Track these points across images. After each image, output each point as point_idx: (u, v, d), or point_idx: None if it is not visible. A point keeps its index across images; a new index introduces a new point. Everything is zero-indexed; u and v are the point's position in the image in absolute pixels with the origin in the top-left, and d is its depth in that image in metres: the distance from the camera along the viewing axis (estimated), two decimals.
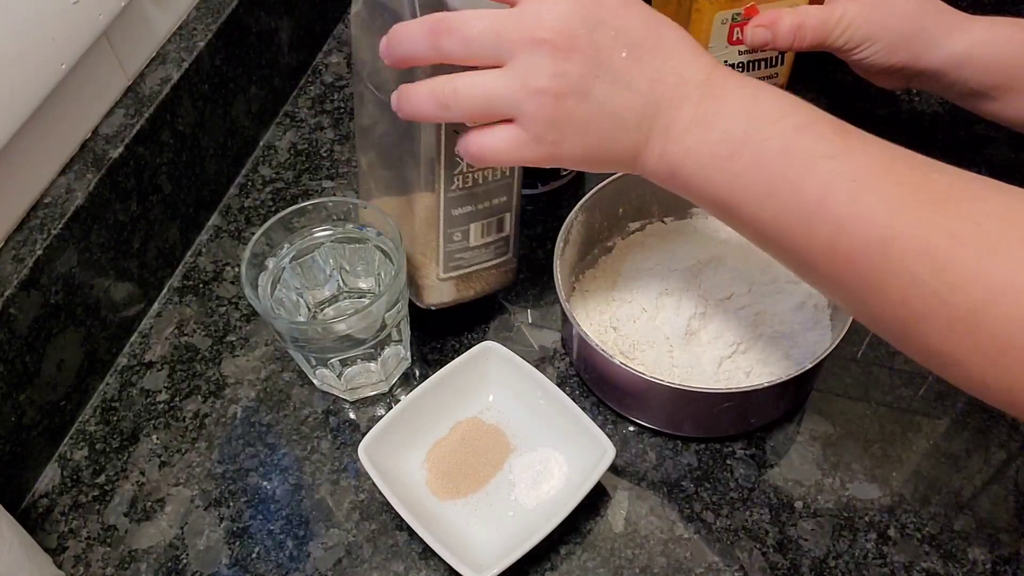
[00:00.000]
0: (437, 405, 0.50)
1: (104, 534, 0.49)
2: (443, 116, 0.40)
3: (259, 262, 0.50)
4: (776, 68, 0.55)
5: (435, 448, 0.50)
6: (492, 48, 0.38)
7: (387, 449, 0.48)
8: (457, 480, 0.49)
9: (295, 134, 0.69)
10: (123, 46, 0.56)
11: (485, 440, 0.50)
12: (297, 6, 0.70)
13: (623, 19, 0.38)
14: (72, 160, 0.53)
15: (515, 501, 0.48)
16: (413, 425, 0.49)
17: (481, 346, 0.51)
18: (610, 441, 0.46)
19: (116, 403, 0.54)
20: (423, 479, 0.49)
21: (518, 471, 0.49)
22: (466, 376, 0.51)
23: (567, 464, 0.49)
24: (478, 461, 0.49)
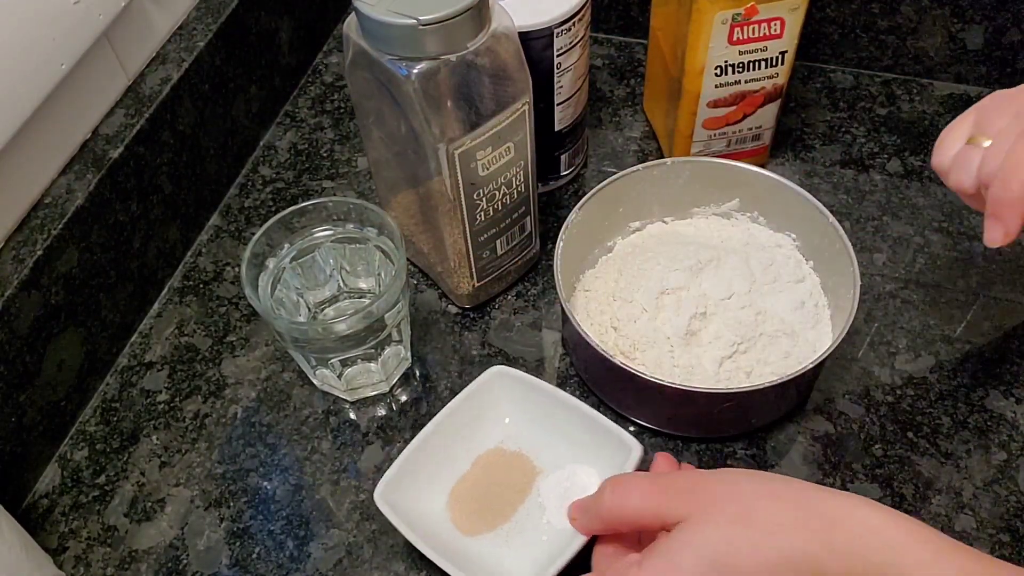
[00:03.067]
0: (452, 440, 0.48)
1: (104, 534, 0.49)
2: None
3: (259, 262, 0.50)
4: (776, 68, 0.55)
5: (458, 486, 0.48)
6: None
7: (405, 491, 0.46)
8: (485, 514, 0.47)
9: (295, 134, 0.69)
10: (123, 46, 0.56)
11: (510, 468, 0.49)
12: (297, 6, 0.70)
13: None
14: (72, 160, 0.53)
15: (548, 524, 0.46)
16: (430, 464, 0.47)
17: (489, 372, 0.49)
18: (635, 439, 0.45)
19: (116, 403, 0.54)
20: (447, 518, 0.47)
21: (547, 493, 0.47)
22: (479, 405, 0.49)
23: (597, 474, 0.47)
24: (504, 491, 0.48)
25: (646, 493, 0.38)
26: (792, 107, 0.66)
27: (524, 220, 0.54)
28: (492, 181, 0.49)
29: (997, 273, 0.56)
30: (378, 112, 0.48)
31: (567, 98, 0.57)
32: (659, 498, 0.38)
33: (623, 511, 0.39)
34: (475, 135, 0.45)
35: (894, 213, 0.59)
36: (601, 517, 0.40)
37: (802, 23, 0.53)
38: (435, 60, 0.42)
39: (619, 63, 0.71)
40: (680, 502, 0.37)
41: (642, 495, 0.38)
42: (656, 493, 0.38)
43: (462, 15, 0.41)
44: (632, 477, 0.40)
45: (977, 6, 0.62)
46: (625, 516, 0.39)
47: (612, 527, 0.40)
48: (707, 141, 0.59)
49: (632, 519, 0.39)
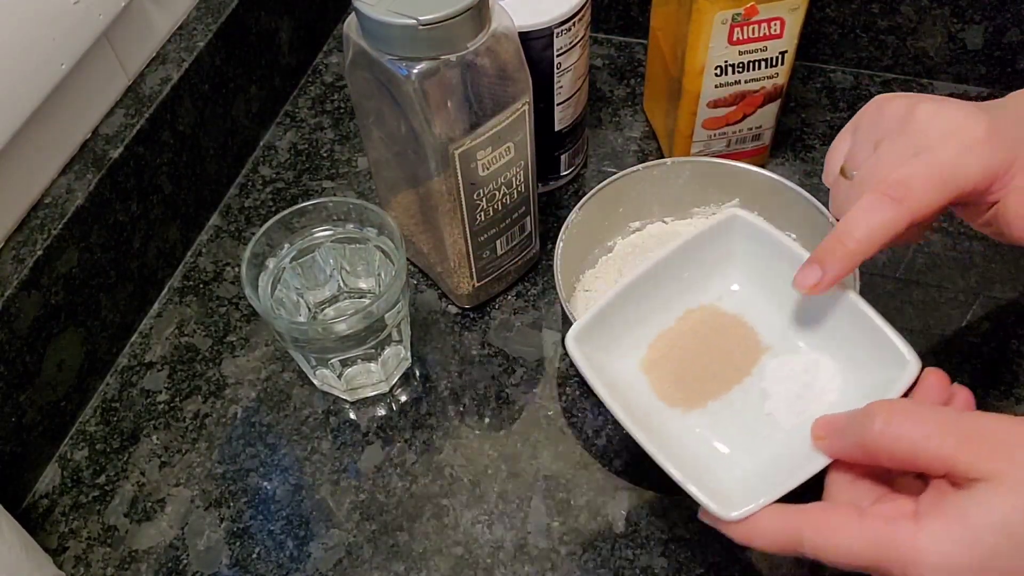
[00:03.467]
0: (663, 287, 0.40)
1: (104, 534, 0.49)
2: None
3: (259, 262, 0.50)
4: (776, 68, 0.55)
5: (659, 341, 0.40)
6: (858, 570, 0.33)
7: (600, 341, 0.38)
8: (691, 384, 0.39)
9: (295, 134, 0.69)
10: (123, 46, 0.56)
11: (725, 334, 0.40)
12: (297, 6, 0.70)
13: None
14: (72, 160, 0.53)
15: (769, 417, 0.38)
16: (634, 313, 0.39)
17: (727, 214, 0.41)
18: (914, 353, 0.36)
19: (116, 403, 0.54)
20: (645, 381, 0.39)
21: (773, 378, 0.39)
22: (706, 250, 0.40)
23: (840, 377, 0.38)
24: (718, 360, 0.40)
25: (935, 433, 0.31)
26: (792, 107, 0.66)
27: (524, 220, 0.54)
28: (492, 181, 0.49)
29: (997, 273, 0.56)
30: (378, 112, 0.48)
31: (567, 98, 0.57)
32: (956, 444, 0.31)
33: (898, 447, 0.32)
34: (475, 135, 0.45)
35: None
36: (864, 446, 0.33)
37: (802, 23, 0.53)
38: (435, 60, 0.42)
39: (619, 63, 0.71)
40: (985, 455, 0.30)
41: (928, 435, 0.31)
42: (951, 436, 0.31)
43: (462, 15, 0.41)
44: (918, 408, 0.33)
45: (977, 6, 0.62)
46: (898, 453, 0.32)
47: (874, 460, 0.34)
48: (707, 141, 0.59)
49: (906, 458, 0.32)
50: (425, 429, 0.52)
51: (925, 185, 0.36)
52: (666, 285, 0.40)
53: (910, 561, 0.31)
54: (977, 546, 0.30)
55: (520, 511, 0.48)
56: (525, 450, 0.50)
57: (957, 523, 0.30)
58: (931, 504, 0.32)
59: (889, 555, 0.31)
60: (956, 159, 0.37)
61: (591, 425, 0.51)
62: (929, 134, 0.37)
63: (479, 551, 0.47)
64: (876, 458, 0.33)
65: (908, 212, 0.36)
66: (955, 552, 0.30)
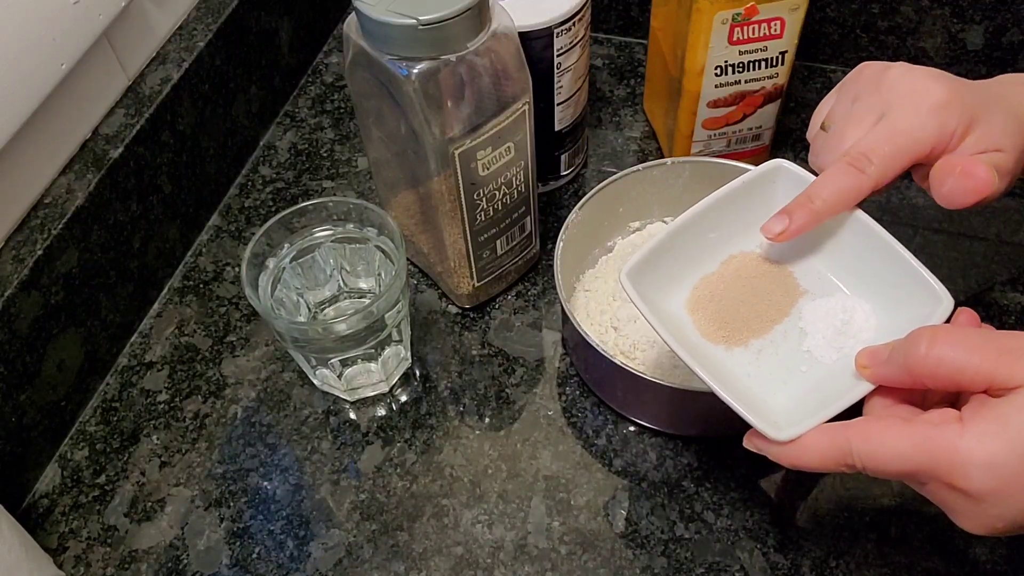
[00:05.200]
0: (709, 233, 0.42)
1: (104, 534, 0.49)
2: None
3: (259, 262, 0.50)
4: (776, 68, 0.55)
5: (702, 284, 0.42)
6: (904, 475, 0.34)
7: (650, 281, 0.40)
8: (733, 323, 0.41)
9: (295, 134, 0.69)
10: (123, 46, 0.56)
11: (766, 279, 0.42)
12: (297, 6, 0.70)
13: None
14: (72, 160, 0.53)
15: (808, 354, 0.40)
16: (680, 256, 0.41)
17: (772, 164, 0.42)
18: (947, 292, 0.38)
19: (116, 403, 0.54)
20: (689, 321, 0.41)
21: (811, 319, 0.41)
22: (750, 198, 0.42)
23: (876, 317, 0.40)
24: (759, 303, 0.41)
25: (977, 348, 0.33)
26: (792, 107, 0.66)
27: (524, 220, 0.54)
28: (492, 181, 0.49)
29: (997, 273, 0.56)
30: (378, 112, 0.48)
31: (567, 98, 0.57)
32: (996, 358, 0.33)
33: (942, 364, 0.34)
34: (475, 135, 0.45)
35: (894, 213, 0.59)
36: (910, 368, 0.35)
37: (802, 23, 0.53)
38: (435, 60, 0.42)
39: (619, 63, 0.71)
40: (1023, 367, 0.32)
41: (971, 350, 0.33)
42: (992, 351, 0.33)
43: (462, 15, 0.41)
44: (959, 330, 0.35)
45: (977, 6, 0.62)
46: (942, 372, 0.34)
47: (919, 382, 0.35)
48: (707, 141, 0.59)
49: (951, 376, 0.34)
50: (425, 429, 0.52)
51: (884, 156, 0.39)
52: (711, 230, 0.42)
53: (957, 461, 0.32)
54: (1018, 442, 0.31)
55: (520, 511, 0.48)
56: (525, 450, 0.50)
57: (999, 423, 0.32)
58: (973, 411, 0.33)
59: (937, 454, 0.32)
60: (914, 123, 0.40)
61: (591, 425, 0.51)
62: (894, 94, 0.41)
63: (479, 551, 0.47)
64: (921, 380, 0.35)
65: (869, 181, 0.39)
66: (998, 449, 0.31)
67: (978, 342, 0.34)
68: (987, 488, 0.32)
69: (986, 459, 0.31)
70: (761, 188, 0.43)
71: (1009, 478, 0.31)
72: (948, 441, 0.32)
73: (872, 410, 0.37)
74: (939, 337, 0.34)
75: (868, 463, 0.34)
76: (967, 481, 0.32)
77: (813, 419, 0.36)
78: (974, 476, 0.32)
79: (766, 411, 0.37)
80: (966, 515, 0.33)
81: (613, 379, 0.49)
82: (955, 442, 0.32)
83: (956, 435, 0.32)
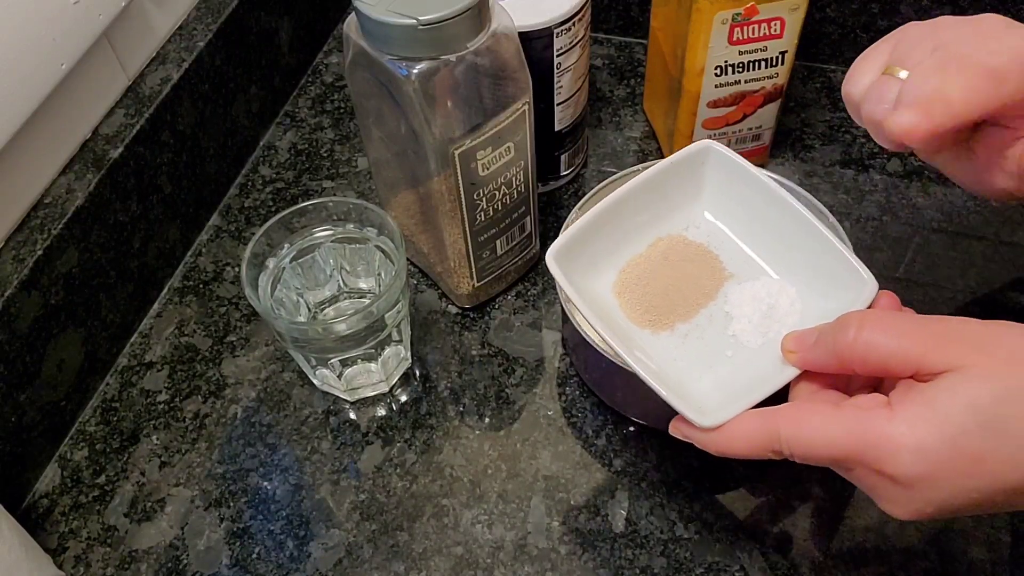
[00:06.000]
0: (636, 215, 0.41)
1: (104, 534, 0.49)
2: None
3: (259, 262, 0.50)
4: (776, 68, 0.55)
5: (629, 267, 0.42)
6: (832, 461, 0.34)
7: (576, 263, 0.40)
8: (659, 307, 0.41)
9: (295, 134, 0.69)
10: (123, 46, 0.56)
11: (693, 262, 0.42)
12: (297, 6, 0.70)
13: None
14: (72, 160, 0.53)
15: (734, 338, 0.40)
16: (607, 238, 0.41)
17: (700, 145, 0.41)
18: (872, 275, 0.38)
19: (116, 403, 0.54)
20: (615, 304, 0.41)
21: (737, 302, 0.41)
22: (677, 180, 0.41)
23: (801, 300, 0.40)
24: (685, 286, 0.41)
25: (907, 334, 0.33)
26: (792, 107, 0.66)
27: (524, 220, 0.54)
28: (492, 181, 0.49)
29: (997, 273, 0.56)
30: (378, 112, 0.48)
31: (567, 98, 0.57)
32: (926, 343, 0.32)
33: (871, 350, 0.33)
34: (475, 135, 0.45)
35: (894, 213, 0.59)
36: (838, 354, 0.34)
37: (802, 23, 0.53)
38: (435, 60, 0.42)
39: (619, 63, 0.71)
40: (954, 349, 0.32)
41: (900, 336, 0.33)
42: (922, 337, 0.32)
43: (462, 15, 0.41)
44: (888, 314, 0.35)
45: (977, 6, 0.62)
46: (872, 357, 0.33)
47: (847, 367, 0.35)
48: None
49: (880, 361, 0.33)
50: (425, 429, 0.52)
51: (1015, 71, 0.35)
52: (638, 212, 0.41)
53: (887, 447, 0.32)
54: (947, 426, 0.31)
55: (520, 511, 0.48)
56: (525, 450, 0.50)
57: (928, 407, 0.31)
58: (901, 395, 0.33)
59: (866, 440, 0.32)
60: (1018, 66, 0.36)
61: (591, 425, 0.51)
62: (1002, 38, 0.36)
63: (479, 551, 0.47)
64: (849, 365, 0.34)
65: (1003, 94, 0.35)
66: (927, 434, 0.31)
67: (907, 327, 0.33)
68: (916, 473, 0.31)
69: (915, 444, 0.31)
70: (689, 169, 0.42)
71: (938, 463, 0.31)
72: (878, 427, 0.32)
73: (798, 395, 0.37)
74: (868, 322, 0.34)
75: (796, 449, 0.34)
76: (896, 467, 0.31)
77: (739, 405, 0.35)
78: (904, 462, 0.31)
79: (692, 397, 0.37)
80: (894, 501, 0.33)
81: (613, 379, 0.49)
82: (884, 427, 0.32)
83: (885, 420, 0.32)
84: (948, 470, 0.31)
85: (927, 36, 0.39)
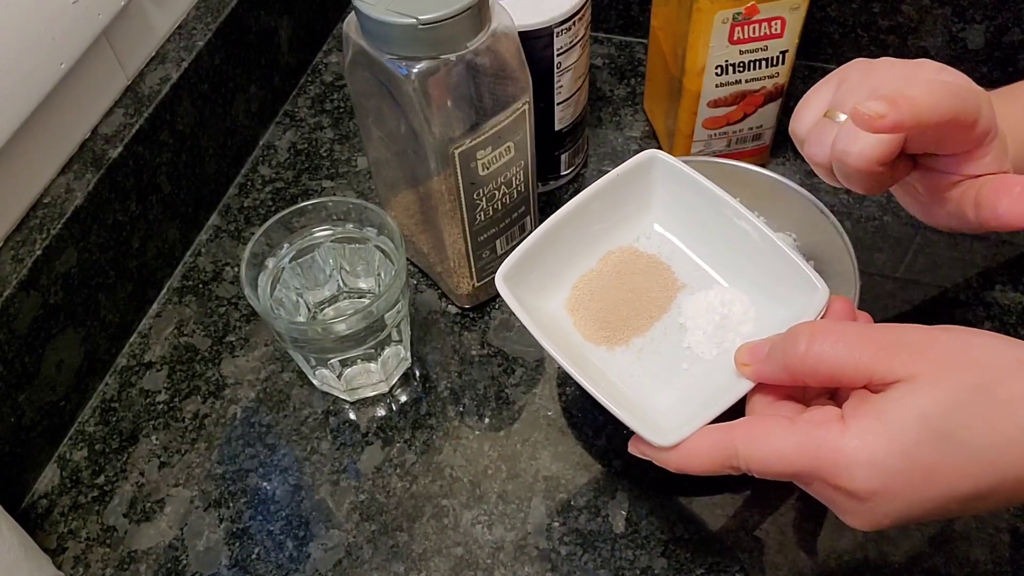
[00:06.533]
0: (584, 229, 0.41)
1: (104, 535, 0.49)
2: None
3: (259, 262, 0.50)
4: (777, 68, 0.55)
5: (581, 283, 0.41)
6: (789, 477, 0.34)
7: (528, 283, 0.39)
8: (613, 322, 0.40)
9: (295, 134, 0.69)
10: (122, 45, 0.56)
11: (645, 274, 0.41)
12: (297, 5, 0.70)
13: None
14: (71, 160, 0.53)
15: (689, 350, 0.40)
16: (558, 255, 0.41)
17: (646, 155, 0.41)
18: (822, 281, 0.38)
19: (116, 403, 0.54)
20: (569, 322, 0.41)
21: (691, 313, 0.41)
22: (624, 192, 0.41)
23: (754, 308, 0.40)
24: (638, 299, 0.41)
25: (855, 345, 0.33)
26: (793, 107, 0.66)
27: (524, 220, 0.54)
28: (492, 181, 0.49)
29: (997, 273, 0.56)
30: (378, 111, 0.48)
31: (567, 98, 0.57)
32: (874, 353, 0.32)
33: (821, 362, 0.33)
34: (475, 135, 0.45)
35: (894, 213, 0.59)
36: (788, 367, 0.34)
37: (803, 22, 0.53)
38: (435, 60, 0.42)
39: (619, 63, 0.71)
40: (903, 360, 0.32)
41: (850, 347, 0.33)
42: (870, 347, 0.33)
43: (462, 14, 0.41)
44: (838, 325, 0.34)
45: (978, 6, 0.62)
46: (822, 369, 0.33)
47: (798, 379, 0.35)
48: (707, 141, 0.59)
49: (830, 373, 0.33)
50: (425, 429, 0.52)
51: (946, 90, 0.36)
52: (587, 227, 0.41)
53: (841, 462, 0.32)
54: (899, 439, 0.31)
55: (520, 511, 0.48)
56: (525, 450, 0.50)
57: (877, 420, 0.31)
58: (854, 408, 0.33)
59: (820, 455, 0.32)
60: (967, 88, 0.37)
61: (591, 425, 0.51)
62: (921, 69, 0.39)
63: (479, 551, 0.47)
64: (800, 378, 0.35)
65: (959, 103, 0.36)
66: (880, 448, 0.31)
67: (856, 337, 0.33)
68: (871, 487, 0.31)
69: (868, 458, 0.31)
70: (636, 180, 0.42)
71: (892, 476, 0.31)
72: (831, 441, 0.32)
73: (754, 408, 0.37)
74: (818, 334, 0.34)
75: (753, 465, 0.34)
76: (852, 482, 0.32)
77: (695, 422, 0.35)
78: (858, 476, 0.31)
79: (650, 415, 0.37)
80: (852, 513, 0.33)
81: None
82: (838, 442, 0.32)
83: (839, 434, 0.32)
84: (902, 483, 0.31)
85: (864, 80, 0.40)
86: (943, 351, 0.32)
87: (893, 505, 0.32)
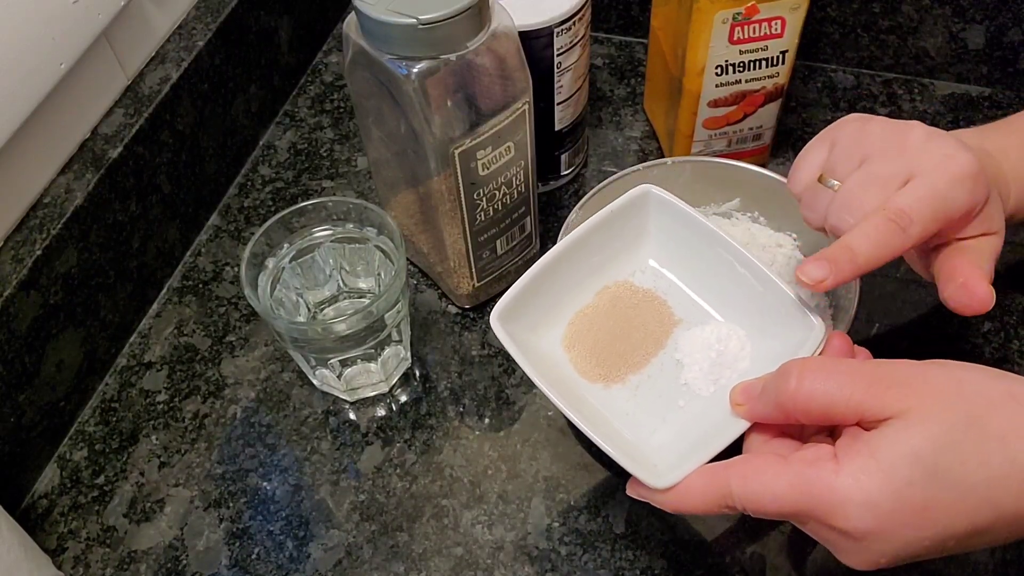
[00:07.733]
0: (580, 265, 0.41)
1: (104, 535, 0.49)
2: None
3: (259, 262, 0.50)
4: (777, 68, 0.55)
5: (577, 319, 0.41)
6: (784, 516, 0.34)
7: (524, 320, 0.39)
8: (610, 359, 0.40)
9: (295, 134, 0.69)
10: (122, 45, 0.56)
11: (641, 309, 0.41)
12: (297, 5, 0.70)
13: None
14: (71, 160, 0.53)
15: (686, 387, 0.40)
16: (553, 292, 0.40)
17: (640, 190, 0.41)
18: (819, 317, 0.38)
19: (116, 403, 0.54)
20: (565, 359, 0.40)
21: (687, 349, 0.40)
22: (619, 227, 0.41)
23: (751, 343, 0.40)
24: (634, 334, 0.41)
25: (847, 382, 0.33)
26: (793, 107, 0.66)
27: (524, 220, 0.53)
28: (492, 181, 0.49)
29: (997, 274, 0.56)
30: (378, 111, 0.48)
31: (567, 98, 0.57)
32: (865, 389, 0.32)
33: (813, 399, 0.33)
34: (475, 135, 0.45)
35: None
36: (781, 404, 0.34)
37: (803, 22, 0.53)
38: (435, 59, 0.42)
39: (619, 63, 0.71)
40: (894, 396, 0.32)
41: (841, 384, 0.33)
42: (860, 383, 0.33)
43: (462, 15, 0.41)
44: (828, 362, 0.34)
45: (978, 6, 0.62)
46: (814, 407, 0.33)
47: (792, 417, 0.35)
48: (707, 141, 0.59)
49: (822, 411, 0.33)
50: (425, 429, 0.52)
51: (925, 216, 0.37)
52: (582, 263, 0.41)
53: (835, 501, 0.32)
54: (892, 477, 0.31)
55: (520, 512, 0.48)
56: (525, 451, 0.50)
57: (871, 459, 0.31)
58: (847, 446, 0.33)
59: (814, 495, 0.32)
60: (949, 189, 0.38)
61: None
62: (926, 157, 0.39)
63: (479, 551, 0.47)
64: (793, 416, 0.35)
65: (909, 241, 0.37)
66: (874, 487, 0.31)
67: (847, 373, 0.33)
68: (866, 527, 0.31)
69: (863, 498, 0.31)
70: (631, 215, 0.42)
71: (886, 515, 0.31)
72: (824, 481, 0.32)
73: (751, 446, 0.37)
74: (808, 371, 0.34)
75: (748, 505, 0.34)
76: (846, 521, 0.32)
77: (691, 463, 0.35)
78: (852, 516, 0.31)
79: (646, 455, 0.37)
80: (848, 552, 0.33)
81: None
82: (831, 481, 0.32)
83: (832, 474, 0.32)
84: (896, 522, 0.31)
85: (856, 146, 0.40)
86: (934, 385, 0.32)
87: (890, 544, 0.32)
